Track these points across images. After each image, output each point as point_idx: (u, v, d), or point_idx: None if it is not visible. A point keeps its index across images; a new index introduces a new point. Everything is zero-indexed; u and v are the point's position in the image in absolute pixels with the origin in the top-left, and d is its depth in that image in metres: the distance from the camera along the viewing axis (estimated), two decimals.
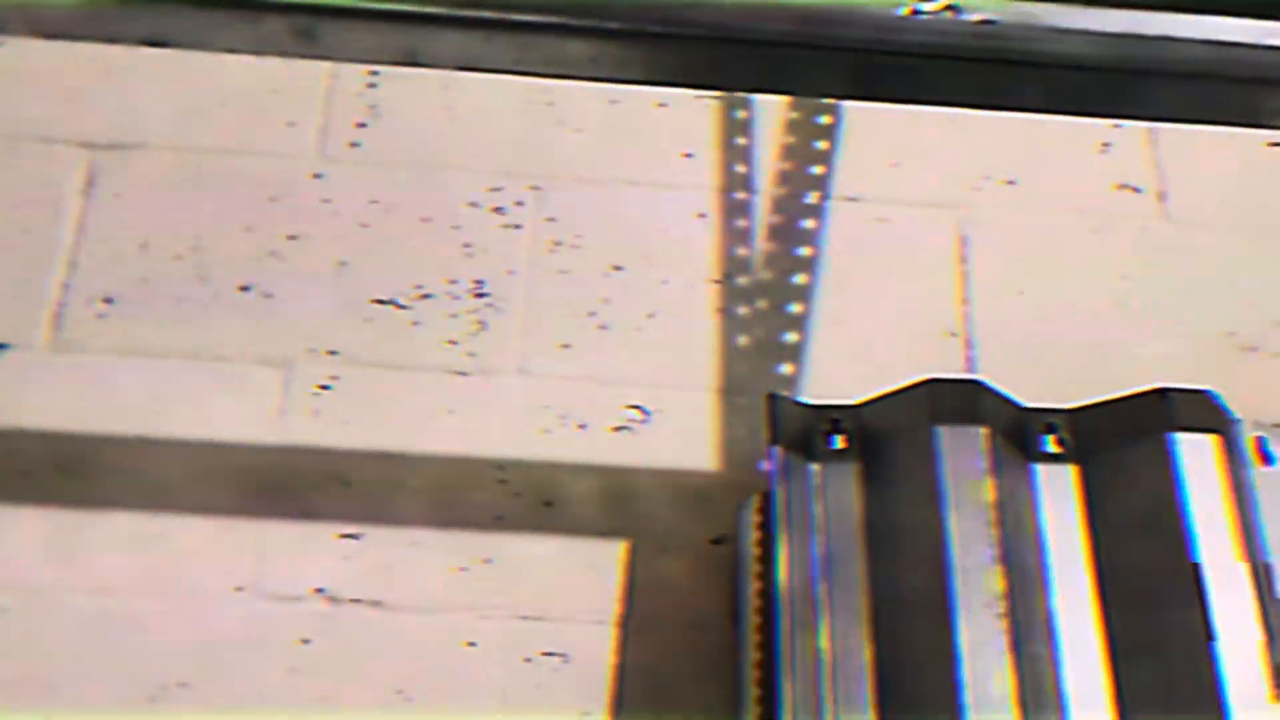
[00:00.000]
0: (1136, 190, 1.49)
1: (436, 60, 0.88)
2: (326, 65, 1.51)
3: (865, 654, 1.07)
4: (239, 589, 1.24)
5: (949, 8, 0.84)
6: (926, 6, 0.83)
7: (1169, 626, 1.07)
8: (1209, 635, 1.04)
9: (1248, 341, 1.40)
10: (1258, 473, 1.13)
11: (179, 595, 1.23)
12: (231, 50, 0.85)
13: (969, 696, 1.03)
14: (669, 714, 1.19)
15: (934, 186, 1.48)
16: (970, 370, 1.36)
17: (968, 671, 1.04)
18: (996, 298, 1.42)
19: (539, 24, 0.84)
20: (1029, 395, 1.22)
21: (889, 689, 1.05)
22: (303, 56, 0.85)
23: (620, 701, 1.19)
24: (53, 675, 1.19)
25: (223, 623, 1.22)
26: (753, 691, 1.13)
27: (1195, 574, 1.07)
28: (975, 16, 0.85)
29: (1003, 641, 1.05)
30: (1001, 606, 1.07)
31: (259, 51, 0.85)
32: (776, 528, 1.13)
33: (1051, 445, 1.16)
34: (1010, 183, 1.49)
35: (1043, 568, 1.11)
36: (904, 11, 0.83)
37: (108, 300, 1.39)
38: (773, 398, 1.21)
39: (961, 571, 1.08)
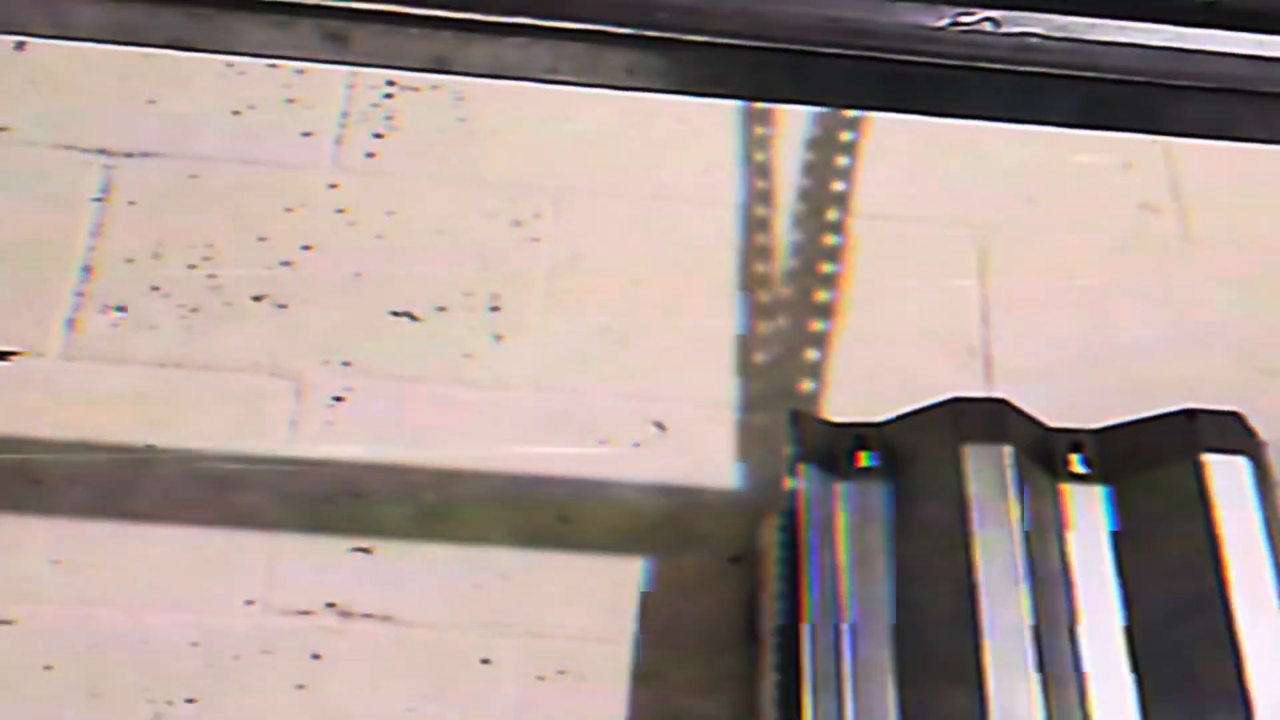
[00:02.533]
0: (1157, 211, 1.48)
1: (469, 67, 0.87)
2: (344, 76, 1.51)
3: (890, 674, 1.05)
4: (250, 602, 1.22)
5: (986, 19, 0.83)
6: (966, 19, 0.82)
7: (1197, 648, 1.05)
8: (1236, 652, 1.02)
9: (1269, 364, 1.39)
10: None
11: (189, 608, 1.21)
12: (261, 55, 0.84)
13: (995, 718, 1.01)
14: None
15: (955, 204, 1.47)
16: (990, 388, 1.35)
17: (993, 693, 1.02)
18: (1018, 316, 1.41)
19: (574, 31, 0.83)
20: (1047, 414, 1.21)
21: (914, 710, 1.03)
22: (333, 62, 0.84)
23: None
24: (59, 688, 1.17)
25: (233, 636, 1.20)
26: (772, 713, 1.11)
27: (1223, 594, 1.05)
28: (1013, 29, 0.84)
29: (1029, 663, 1.04)
30: (1028, 627, 1.05)
31: (289, 56, 0.84)
32: (802, 546, 1.12)
33: (1078, 465, 1.15)
34: (1032, 201, 1.48)
35: (1070, 588, 1.09)
36: (943, 22, 0.82)
37: (120, 309, 1.37)
38: (796, 415, 1.20)
39: (988, 592, 1.06)
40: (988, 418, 1.15)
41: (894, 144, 1.50)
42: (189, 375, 1.34)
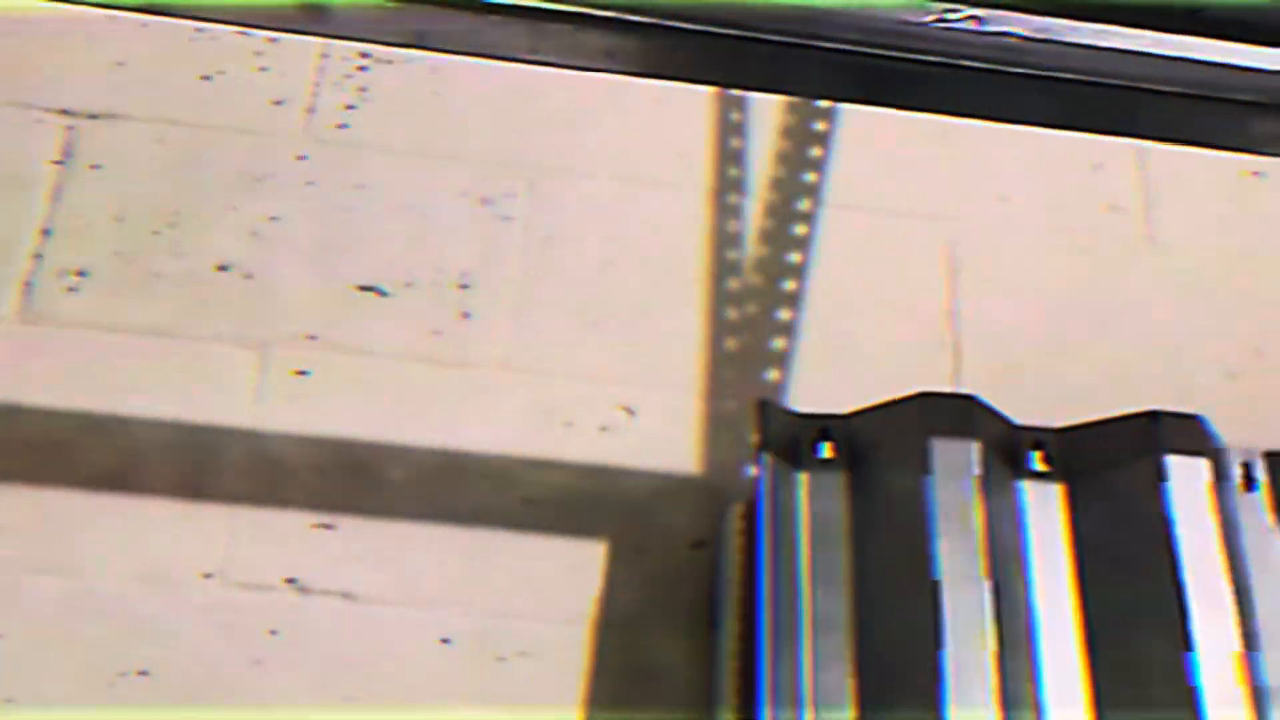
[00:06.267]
0: (1124, 212, 1.50)
1: (447, 44, 0.85)
2: (317, 46, 1.49)
3: (847, 665, 1.06)
4: (207, 575, 1.21)
5: (971, 18, 0.83)
6: (952, 16, 0.82)
7: (1150, 646, 1.07)
8: (1188, 649, 1.04)
9: (1231, 367, 1.41)
10: (1243, 498, 1.13)
11: (145, 580, 1.20)
12: (237, 23, 0.82)
13: (950, 709, 1.02)
14: (642, 717, 1.17)
15: (925, 198, 1.48)
16: (955, 383, 1.36)
17: (950, 683, 1.03)
18: (984, 312, 1.41)
19: (556, 12, 0.82)
20: (1012, 411, 1.22)
21: (870, 700, 1.04)
22: (312, 34, 0.83)
23: (593, 704, 1.17)
24: (9, 658, 1.16)
25: (189, 610, 1.19)
26: (730, 700, 1.12)
27: (1178, 593, 1.07)
28: (995, 28, 0.84)
29: (985, 655, 1.05)
30: (985, 620, 1.06)
31: (266, 26, 0.82)
32: (761, 535, 1.12)
33: (1039, 463, 1.16)
34: (1001, 198, 1.49)
35: (1026, 583, 1.10)
36: (929, 19, 0.82)
37: (81, 273, 1.35)
38: (763, 404, 1.20)
39: (946, 585, 1.07)
40: (955, 413, 1.16)
41: (866, 137, 1.50)
42: (150, 343, 1.32)
